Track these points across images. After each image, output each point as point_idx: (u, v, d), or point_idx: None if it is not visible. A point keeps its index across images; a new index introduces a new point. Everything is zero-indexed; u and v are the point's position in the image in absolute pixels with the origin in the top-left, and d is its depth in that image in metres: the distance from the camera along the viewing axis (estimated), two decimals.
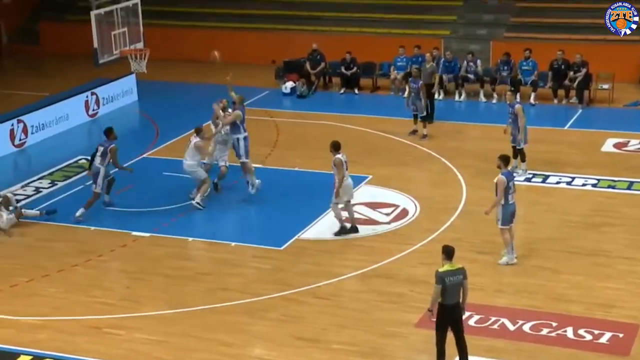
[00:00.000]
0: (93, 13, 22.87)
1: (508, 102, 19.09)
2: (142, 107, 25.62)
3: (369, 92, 26.34)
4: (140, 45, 24.29)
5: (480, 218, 16.90)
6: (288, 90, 26.22)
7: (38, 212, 17.53)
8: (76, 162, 20.82)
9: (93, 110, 24.54)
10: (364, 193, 18.40)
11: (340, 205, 16.42)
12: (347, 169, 16.26)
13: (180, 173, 18.65)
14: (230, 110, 18.42)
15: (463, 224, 16.83)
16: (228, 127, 18.05)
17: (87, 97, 24.34)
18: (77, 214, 17.26)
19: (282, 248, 16.07)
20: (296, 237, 16.44)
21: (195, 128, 17.98)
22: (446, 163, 20.11)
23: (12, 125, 21.87)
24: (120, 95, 25.52)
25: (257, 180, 18.12)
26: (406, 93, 22.72)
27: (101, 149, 17.52)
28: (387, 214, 17.35)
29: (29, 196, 18.86)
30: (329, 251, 15.96)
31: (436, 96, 24.06)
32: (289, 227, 16.82)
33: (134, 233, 16.78)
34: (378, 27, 29.03)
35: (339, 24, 29.58)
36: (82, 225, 17.18)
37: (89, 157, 18.33)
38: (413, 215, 17.32)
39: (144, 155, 21.15)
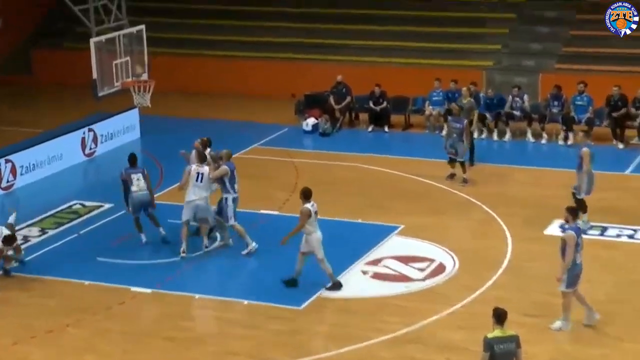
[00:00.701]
0: (93, 40, 23.01)
1: (578, 143, 18.87)
2: (145, 145, 25.67)
3: (400, 130, 26.31)
4: (144, 76, 24.45)
5: (528, 275, 16.74)
6: (309, 128, 26.23)
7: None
8: (70, 207, 20.74)
9: (90, 148, 24.64)
10: (395, 245, 18.24)
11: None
12: (316, 221, 16.21)
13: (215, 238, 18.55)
14: (209, 152, 18.37)
15: (509, 282, 16.60)
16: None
17: (83, 133, 24.44)
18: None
19: (301, 307, 15.90)
20: (318, 294, 16.26)
21: (200, 154, 17.94)
22: (488, 211, 19.94)
23: (0, 165, 21.91)
24: (120, 131, 25.61)
25: (253, 244, 17.97)
26: (444, 132, 22.59)
27: (135, 176, 18.09)
28: (421, 270, 17.16)
29: None
30: (355, 311, 15.74)
31: (476, 135, 23.93)
32: (309, 283, 16.61)
33: (134, 289, 16.63)
34: (410, 56, 29.10)
35: (367, 53, 29.70)
36: (74, 279, 17.06)
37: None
38: (451, 271, 17.11)
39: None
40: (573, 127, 24.01)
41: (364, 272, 17.11)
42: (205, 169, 17.68)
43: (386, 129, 26.20)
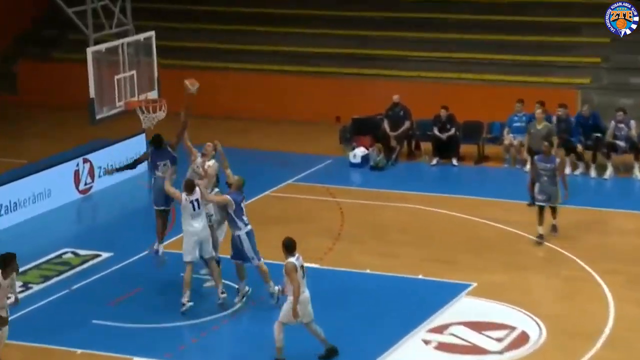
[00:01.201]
0: (90, 50, 23.21)
1: None
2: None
3: (472, 164, 26.34)
4: (153, 94, 24.61)
5: (634, 348, 16.55)
6: (358, 160, 26.28)
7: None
8: (59, 256, 20.91)
9: (85, 184, 24.88)
10: (465, 308, 18.23)
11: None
12: (304, 278, 16.06)
13: (204, 274, 18.66)
14: (211, 163, 18.96)
15: (610, 356, 16.50)
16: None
17: (77, 165, 24.72)
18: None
19: None
20: None
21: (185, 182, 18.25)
22: (584, 267, 19.87)
23: None
24: (124, 163, 25.72)
25: (247, 288, 18.24)
26: (528, 172, 22.26)
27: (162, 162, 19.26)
28: (499, 340, 17.10)
29: None
30: None
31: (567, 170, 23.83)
32: (358, 352, 16.67)
33: (137, 359, 16.67)
34: (485, 72, 29.16)
35: (431, 67, 29.78)
36: (63, 346, 17.12)
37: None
38: (536, 342, 16.99)
39: (155, 248, 21.21)
40: None
41: (426, 342, 17.07)
42: (197, 192, 17.91)
43: (454, 161, 26.23)
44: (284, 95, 30.19)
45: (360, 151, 26.42)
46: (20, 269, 20.18)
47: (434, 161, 26.22)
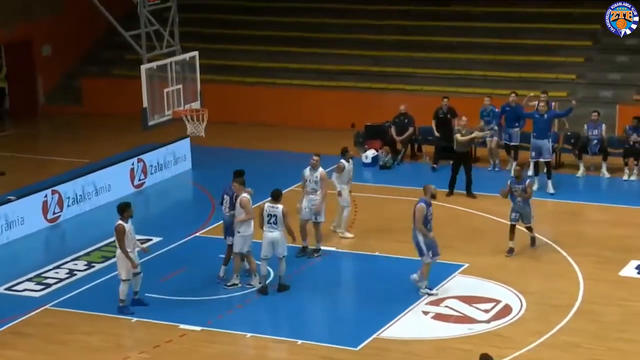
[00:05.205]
0: (143, 67, 23.43)
1: None
2: (196, 177, 26.11)
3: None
4: (196, 104, 24.81)
5: (601, 320, 16.68)
6: (369, 160, 26.44)
7: None
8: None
9: (139, 179, 25.08)
10: (459, 284, 18.37)
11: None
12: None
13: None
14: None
15: (580, 326, 16.62)
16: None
17: (132, 164, 24.90)
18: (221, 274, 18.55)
19: (357, 349, 16.06)
20: (375, 335, 16.43)
21: (272, 192, 18.20)
22: (560, 251, 19.97)
23: (46, 196, 22.44)
24: (171, 162, 26.03)
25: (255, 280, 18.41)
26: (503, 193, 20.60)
27: (227, 197, 18.40)
28: (486, 311, 17.24)
29: (61, 279, 19.27)
30: (415, 354, 15.89)
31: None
32: (366, 324, 16.85)
33: (182, 326, 16.94)
34: (478, 86, 29.19)
35: (433, 82, 29.90)
36: (121, 316, 17.41)
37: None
38: (518, 313, 17.16)
39: (197, 234, 21.49)
40: None
41: (425, 313, 17.26)
42: (280, 208, 17.97)
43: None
44: (307, 106, 30.29)
45: (371, 153, 26.54)
46: (84, 251, 20.71)
47: (435, 165, 25.85)
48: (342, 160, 20.81)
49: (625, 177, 24.48)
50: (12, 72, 33.22)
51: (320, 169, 19.75)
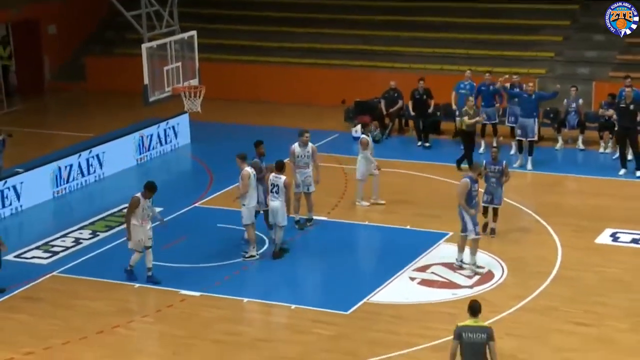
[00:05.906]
0: (144, 46, 23.38)
1: None
2: (195, 150, 26.11)
3: (450, 138, 26.25)
4: (195, 81, 24.77)
5: (578, 284, 16.79)
6: (359, 134, 26.34)
7: None
8: (120, 210, 21.05)
9: (141, 153, 25.09)
10: (443, 252, 18.40)
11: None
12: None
13: (236, 225, 18.91)
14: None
15: (558, 291, 16.73)
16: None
17: (134, 138, 24.91)
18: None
19: (348, 312, 16.14)
20: (365, 300, 16.50)
21: (276, 163, 18.32)
22: (539, 220, 20.04)
23: (52, 169, 22.44)
24: (171, 137, 26.04)
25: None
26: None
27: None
28: (469, 277, 17.33)
29: (67, 247, 19.31)
30: (402, 317, 15.98)
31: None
32: (356, 289, 16.91)
33: (182, 292, 17.02)
34: (463, 64, 29.10)
35: (420, 60, 29.83)
36: (124, 282, 17.48)
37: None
38: (499, 279, 17.24)
39: (196, 205, 21.52)
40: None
41: (412, 279, 17.33)
42: (283, 179, 18.11)
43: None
44: (300, 83, 30.26)
45: (360, 127, 26.57)
46: (89, 221, 20.74)
47: (419, 143, 25.63)
48: (363, 135, 20.95)
49: (600, 150, 24.52)
50: (19, 51, 33.09)
51: (310, 144, 19.74)
